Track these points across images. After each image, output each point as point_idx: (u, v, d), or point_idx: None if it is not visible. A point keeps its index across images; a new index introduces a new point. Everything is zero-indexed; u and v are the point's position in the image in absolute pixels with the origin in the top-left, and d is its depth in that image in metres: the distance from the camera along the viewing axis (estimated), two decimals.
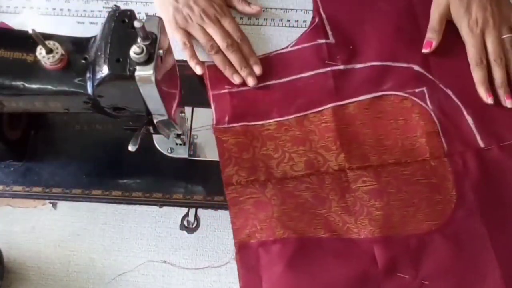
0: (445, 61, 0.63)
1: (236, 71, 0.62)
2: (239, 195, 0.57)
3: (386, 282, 0.54)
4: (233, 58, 0.62)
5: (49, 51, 0.43)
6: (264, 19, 0.68)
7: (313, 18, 0.66)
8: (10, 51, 0.45)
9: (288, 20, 0.68)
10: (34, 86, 0.45)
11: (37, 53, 0.43)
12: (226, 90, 0.62)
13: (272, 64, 0.64)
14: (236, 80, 0.62)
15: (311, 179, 0.58)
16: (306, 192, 0.57)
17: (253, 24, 0.67)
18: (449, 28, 0.63)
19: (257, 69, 0.62)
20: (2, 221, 0.58)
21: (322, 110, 0.61)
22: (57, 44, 0.43)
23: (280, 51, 0.65)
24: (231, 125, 0.61)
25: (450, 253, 0.54)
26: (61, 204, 0.59)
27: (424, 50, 0.63)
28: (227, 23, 0.63)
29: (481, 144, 0.59)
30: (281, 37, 0.66)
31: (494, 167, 0.58)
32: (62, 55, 0.44)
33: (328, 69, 0.63)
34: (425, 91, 0.61)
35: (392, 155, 0.59)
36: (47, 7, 0.69)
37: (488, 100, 0.60)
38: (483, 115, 0.60)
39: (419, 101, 0.61)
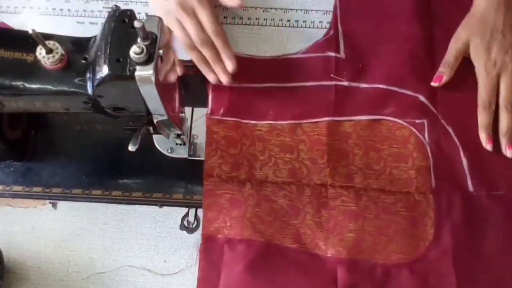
0: (453, 97, 0.61)
1: (211, 70, 0.61)
2: (216, 188, 0.57)
3: None
4: (205, 54, 0.60)
5: (49, 51, 0.43)
6: (264, 19, 0.68)
7: (329, 30, 0.65)
8: (10, 51, 0.45)
9: (288, 20, 0.68)
10: (34, 86, 0.45)
11: (37, 53, 0.43)
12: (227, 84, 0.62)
13: (277, 67, 0.64)
14: (210, 78, 0.61)
15: (290, 188, 0.58)
16: (283, 200, 0.57)
17: (253, 24, 0.67)
18: (465, 65, 0.61)
19: (229, 65, 0.59)
20: (2, 221, 0.58)
21: (318, 122, 0.60)
22: (57, 44, 0.43)
23: (288, 56, 0.65)
24: (224, 118, 0.61)
25: None
26: (61, 204, 0.59)
27: (433, 83, 0.61)
28: (203, 17, 0.60)
29: (471, 189, 0.57)
30: (281, 37, 0.66)
31: (478, 214, 0.56)
32: (62, 55, 0.44)
33: (332, 83, 0.62)
34: (426, 123, 0.60)
35: (378, 180, 0.58)
36: (47, 7, 0.69)
37: (487, 146, 0.58)
38: (480, 160, 0.58)
39: (417, 133, 0.59)
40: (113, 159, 0.60)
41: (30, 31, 0.41)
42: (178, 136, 0.57)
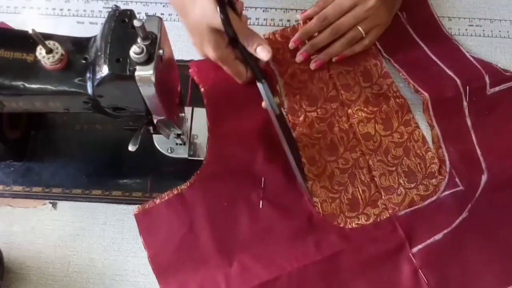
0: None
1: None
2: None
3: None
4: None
5: (49, 51, 0.43)
6: (264, 19, 0.68)
7: None
8: (10, 51, 0.45)
9: (288, 20, 0.68)
10: (34, 86, 0.45)
11: (37, 53, 0.43)
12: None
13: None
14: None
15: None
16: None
17: (253, 24, 0.67)
18: None
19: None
20: (2, 221, 0.58)
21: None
22: (57, 44, 0.43)
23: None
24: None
25: None
26: (61, 204, 0.59)
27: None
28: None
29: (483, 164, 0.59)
30: None
31: (445, 254, 0.55)
32: (62, 55, 0.44)
33: None
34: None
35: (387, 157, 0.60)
36: (47, 7, 0.69)
37: (291, 44, 0.64)
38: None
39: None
40: (113, 159, 0.61)
41: (30, 31, 0.41)
42: (178, 136, 0.57)
